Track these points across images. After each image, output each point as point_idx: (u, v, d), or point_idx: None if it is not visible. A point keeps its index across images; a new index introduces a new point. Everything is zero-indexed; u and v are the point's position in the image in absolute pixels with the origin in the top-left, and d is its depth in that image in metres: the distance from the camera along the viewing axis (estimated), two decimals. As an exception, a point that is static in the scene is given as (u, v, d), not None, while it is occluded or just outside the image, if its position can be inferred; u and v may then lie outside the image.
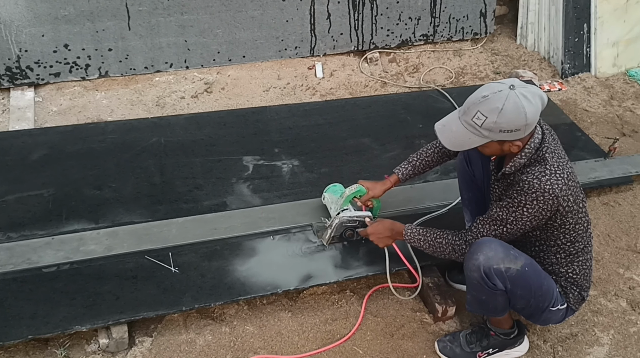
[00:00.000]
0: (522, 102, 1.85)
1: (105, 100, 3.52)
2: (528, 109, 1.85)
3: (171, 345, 2.25)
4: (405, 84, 3.95)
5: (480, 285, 2.00)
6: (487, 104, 1.87)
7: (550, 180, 1.91)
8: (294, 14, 3.86)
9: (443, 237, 2.15)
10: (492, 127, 1.88)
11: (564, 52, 4.06)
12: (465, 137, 1.95)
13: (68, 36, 3.46)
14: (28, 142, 2.93)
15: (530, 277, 2.00)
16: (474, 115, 1.90)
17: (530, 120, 1.87)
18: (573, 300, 2.15)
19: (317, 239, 2.55)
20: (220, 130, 3.16)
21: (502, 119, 1.86)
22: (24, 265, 2.31)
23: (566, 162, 1.99)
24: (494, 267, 1.94)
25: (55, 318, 2.13)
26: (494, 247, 1.96)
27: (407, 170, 2.43)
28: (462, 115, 1.95)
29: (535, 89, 1.92)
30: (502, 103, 1.85)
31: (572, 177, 1.98)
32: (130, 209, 2.62)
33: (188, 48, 3.73)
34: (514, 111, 1.85)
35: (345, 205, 2.50)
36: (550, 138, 2.01)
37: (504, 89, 1.87)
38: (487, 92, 1.89)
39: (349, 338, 2.33)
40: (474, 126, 1.91)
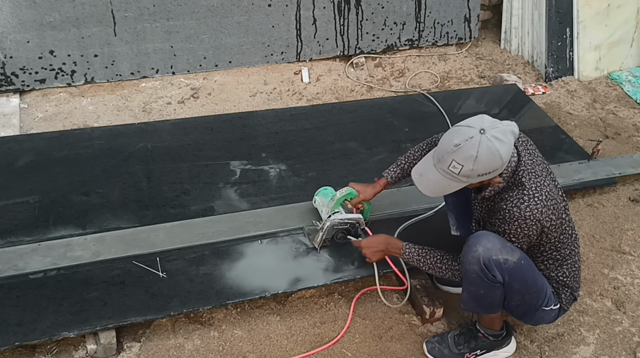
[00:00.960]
0: (496, 145, 1.86)
1: (91, 106, 3.51)
2: (502, 149, 1.87)
3: (160, 350, 2.24)
4: (391, 88, 3.98)
5: (480, 277, 1.99)
6: (460, 152, 1.88)
7: (529, 206, 1.94)
8: (279, 20, 3.88)
9: (443, 261, 2.18)
10: (470, 174, 1.91)
11: (548, 56, 4.12)
12: (445, 184, 1.97)
13: (53, 42, 3.44)
14: (14, 148, 2.91)
15: (526, 271, 2.03)
16: (449, 164, 1.91)
17: (505, 158, 1.90)
18: (565, 300, 2.19)
19: (309, 242, 2.56)
20: (207, 136, 3.16)
21: (479, 166, 1.88)
22: (11, 272, 2.29)
23: (544, 178, 2.00)
24: (493, 257, 1.96)
25: (42, 325, 2.12)
26: (491, 238, 1.98)
27: (395, 173, 2.45)
28: (437, 163, 1.96)
29: (505, 125, 1.92)
30: (476, 150, 1.86)
31: (550, 195, 1.98)
32: (118, 215, 2.61)
33: (174, 54, 3.73)
34: (489, 156, 1.87)
35: (337, 208, 2.51)
36: (526, 157, 2.02)
37: (474, 134, 1.87)
38: (458, 139, 1.89)
39: (337, 341, 2.34)
40: (451, 174, 1.93)
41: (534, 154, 2.07)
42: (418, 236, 2.59)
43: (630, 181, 3.25)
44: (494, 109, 3.62)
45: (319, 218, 2.62)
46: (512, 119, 3.45)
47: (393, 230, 2.63)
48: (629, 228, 2.96)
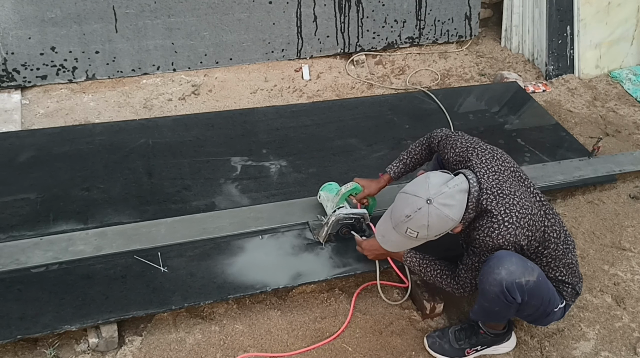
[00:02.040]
0: (444, 212, 1.93)
1: (92, 102, 3.52)
2: (452, 213, 1.93)
3: (161, 343, 2.25)
4: (391, 85, 3.99)
5: (499, 298, 1.98)
6: (412, 222, 1.96)
7: (500, 233, 1.96)
8: (280, 17, 3.88)
9: (442, 277, 2.23)
10: (427, 237, 2.00)
11: (548, 54, 4.12)
12: (407, 243, 2.07)
13: (55, 39, 3.45)
14: (15, 144, 2.91)
15: (542, 286, 2.03)
16: (405, 230, 1.99)
17: (457, 217, 1.95)
18: (568, 296, 2.20)
19: (314, 237, 2.56)
20: (208, 132, 3.16)
21: (432, 231, 1.96)
22: (13, 266, 2.30)
23: (512, 196, 1.98)
24: (516, 281, 1.94)
25: (44, 318, 2.13)
26: (514, 261, 1.96)
27: (398, 168, 2.47)
28: (395, 227, 2.02)
29: (452, 187, 1.94)
30: (427, 220, 1.93)
31: (522, 213, 1.97)
32: (119, 210, 2.62)
33: (175, 50, 3.74)
34: (440, 222, 1.95)
35: (341, 203, 2.52)
36: (488, 178, 2.01)
37: (422, 205, 1.93)
38: (408, 211, 1.95)
39: (338, 336, 2.35)
40: (409, 237, 2.01)
41: (499, 169, 2.06)
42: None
43: (631, 178, 3.25)
44: (495, 106, 3.63)
45: (324, 213, 2.62)
46: (512, 117, 3.51)
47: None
48: (629, 225, 2.97)
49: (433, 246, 2.17)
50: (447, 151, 2.22)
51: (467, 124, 3.42)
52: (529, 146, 3.28)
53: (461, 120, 3.45)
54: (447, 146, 2.23)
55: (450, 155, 2.20)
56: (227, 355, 2.24)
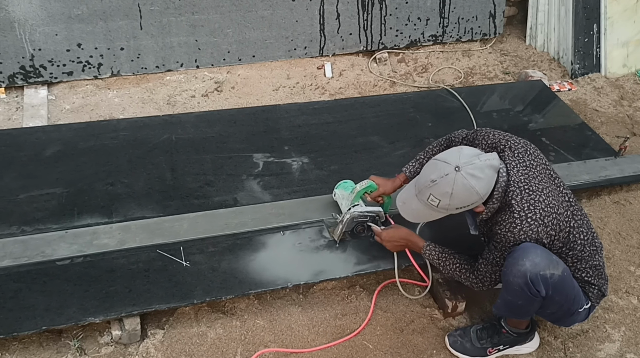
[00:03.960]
0: (471, 182, 1.90)
1: (117, 98, 3.56)
2: (478, 186, 1.90)
3: (183, 337, 2.27)
4: (414, 83, 3.97)
5: (523, 291, 1.95)
6: (437, 188, 1.93)
7: (522, 229, 1.93)
8: (303, 14, 3.89)
9: (461, 270, 2.20)
10: (448, 207, 1.96)
11: (574, 52, 4.07)
12: (426, 213, 2.04)
13: (81, 35, 3.49)
14: (42, 138, 2.96)
15: (567, 282, 2.01)
16: (427, 197, 1.97)
17: (483, 193, 1.93)
18: (594, 297, 2.16)
19: (329, 235, 2.56)
20: (230, 128, 3.18)
21: (455, 201, 1.93)
22: (38, 258, 2.33)
23: (539, 193, 1.96)
24: (540, 273, 1.92)
25: (68, 310, 2.15)
26: (539, 253, 1.94)
27: (414, 168, 2.45)
28: (418, 194, 2.01)
29: (484, 160, 1.92)
30: (451, 187, 1.91)
31: (547, 211, 1.95)
32: (143, 204, 2.64)
33: (199, 47, 3.76)
34: (464, 192, 1.91)
35: (356, 201, 2.51)
36: (518, 171, 1.99)
37: (450, 171, 1.91)
38: (434, 175, 1.94)
39: (358, 333, 2.34)
40: (430, 206, 1.99)
41: (531, 164, 2.03)
42: (439, 231, 2.59)
43: (658, 179, 3.19)
44: (519, 105, 3.59)
45: (339, 211, 2.62)
46: (537, 115, 3.46)
47: (415, 224, 2.61)
48: (656, 226, 2.92)
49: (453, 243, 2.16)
50: (478, 142, 2.17)
51: (490, 122, 3.38)
52: (554, 145, 3.24)
53: (485, 118, 3.42)
54: (477, 138, 2.19)
55: (483, 146, 2.15)
56: (247, 350, 2.25)
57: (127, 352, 2.20)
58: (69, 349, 2.19)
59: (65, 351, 2.19)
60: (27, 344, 2.20)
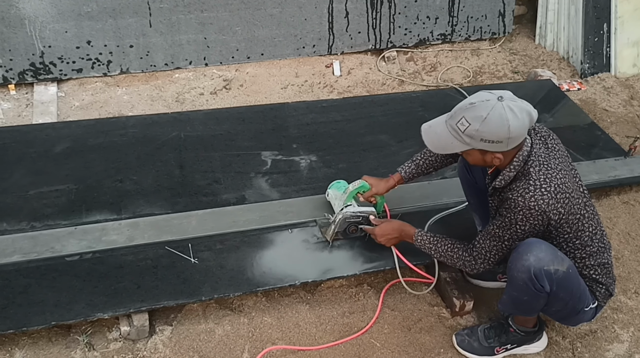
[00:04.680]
0: (507, 115, 1.85)
1: (126, 96, 3.57)
2: (512, 122, 1.85)
3: (191, 334, 2.28)
4: (422, 82, 3.96)
5: (527, 286, 1.96)
6: (472, 110, 1.89)
7: (534, 196, 1.91)
8: (312, 13, 3.89)
9: (453, 251, 2.17)
10: (474, 135, 1.89)
11: (584, 51, 4.05)
12: (448, 141, 1.97)
13: (91, 32, 3.51)
14: (51, 135, 2.97)
15: (572, 279, 2.00)
16: (458, 120, 1.92)
17: (513, 134, 1.87)
18: (601, 297, 2.15)
19: (321, 235, 2.55)
20: (239, 126, 3.18)
21: (485, 128, 1.87)
22: (48, 254, 2.35)
23: (558, 171, 1.96)
24: (544, 268, 1.92)
25: (77, 306, 2.17)
26: (544, 248, 1.94)
27: (410, 169, 2.43)
28: (449, 119, 1.97)
29: (525, 104, 1.91)
30: (487, 112, 1.86)
31: (562, 188, 1.94)
32: (151, 201, 2.65)
33: (207, 45, 3.77)
34: (497, 122, 1.86)
35: (349, 201, 2.50)
36: (540, 148, 1.99)
37: (492, 99, 1.88)
38: (475, 99, 1.91)
39: (366, 331, 2.34)
40: (457, 131, 1.93)
41: (553, 148, 2.04)
42: (448, 230, 2.58)
43: (668, 179, 3.17)
44: (528, 104, 3.57)
45: (332, 211, 2.61)
46: (546, 115, 3.45)
47: (423, 223, 2.61)
48: (665, 226, 2.90)
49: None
50: None
51: (499, 121, 3.37)
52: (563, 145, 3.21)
53: (493, 117, 3.40)
54: None
55: None
56: (255, 347, 2.25)
57: (136, 348, 2.21)
58: (77, 344, 2.20)
59: (74, 346, 2.20)
60: (36, 339, 2.21)
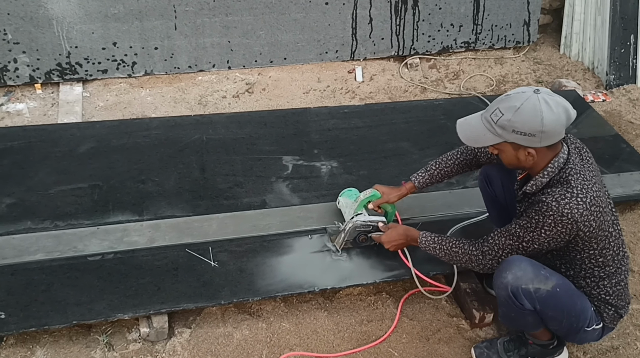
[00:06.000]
0: (542, 107, 1.83)
1: (149, 97, 3.60)
2: (546, 114, 1.82)
3: (209, 337, 2.28)
4: (445, 90, 3.94)
5: (508, 303, 1.98)
6: (507, 101, 1.88)
7: (570, 203, 1.85)
8: (336, 18, 3.89)
9: (459, 246, 2.13)
10: (506, 125, 1.87)
11: (609, 63, 4.00)
12: (481, 133, 1.95)
13: (117, 34, 3.55)
14: (76, 134, 3.01)
15: (561, 298, 1.96)
16: (493, 111, 1.91)
17: (547, 127, 1.83)
18: (609, 319, 2.09)
19: (331, 243, 2.54)
20: (260, 130, 3.19)
21: (517, 118, 1.85)
22: (70, 253, 2.37)
23: (593, 184, 1.91)
24: (522, 286, 1.92)
25: (98, 306, 2.19)
26: (523, 266, 1.93)
27: (423, 178, 2.40)
28: (484, 112, 1.97)
29: (563, 101, 1.88)
30: (521, 102, 1.85)
31: (596, 201, 1.89)
32: (173, 203, 2.67)
33: (231, 49, 3.79)
34: (530, 112, 1.83)
35: (360, 210, 2.48)
36: (576, 158, 1.96)
37: (528, 91, 1.88)
38: (512, 92, 1.91)
39: (384, 340, 2.33)
40: (490, 122, 1.91)
41: (587, 160, 2.01)
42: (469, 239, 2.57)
43: (694, 194, 3.12)
44: (551, 114, 3.54)
45: (342, 219, 2.60)
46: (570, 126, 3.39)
47: (444, 232, 2.59)
48: (691, 243, 2.85)
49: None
50: None
51: (522, 131, 3.34)
52: (587, 157, 3.18)
53: (516, 127, 3.37)
54: None
55: None
56: (273, 352, 2.25)
57: (154, 350, 2.22)
58: (97, 344, 2.22)
59: (94, 346, 2.22)
60: (57, 337, 2.23)
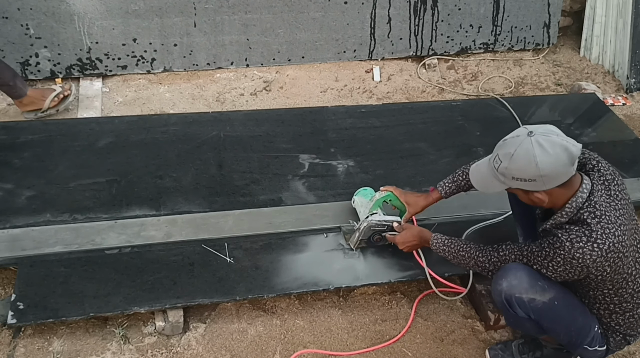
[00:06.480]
0: (535, 151, 1.75)
1: (168, 93, 3.62)
2: (541, 158, 1.75)
3: (224, 332, 2.30)
4: (463, 91, 3.93)
5: (504, 309, 2.00)
6: (504, 147, 1.84)
7: (584, 248, 1.78)
8: (354, 17, 3.89)
9: (466, 250, 2.12)
10: (505, 173, 1.84)
11: (630, 66, 3.96)
12: (488, 180, 1.92)
13: (137, 30, 3.57)
14: (95, 129, 3.04)
15: (559, 312, 1.94)
16: (494, 158, 1.87)
17: (545, 171, 1.76)
18: (614, 344, 2.06)
19: (345, 242, 2.54)
20: (278, 128, 3.20)
21: (513, 166, 1.81)
22: (88, 246, 2.40)
23: (618, 227, 1.80)
24: (515, 295, 1.92)
25: (115, 299, 2.21)
26: (519, 275, 1.92)
27: (450, 188, 2.34)
28: (491, 155, 1.92)
29: (561, 139, 1.78)
30: (515, 148, 1.79)
31: (616, 247, 1.79)
32: (190, 199, 2.69)
33: (249, 46, 3.80)
34: (523, 159, 1.78)
35: (375, 209, 2.48)
36: (602, 195, 1.84)
37: (522, 134, 1.81)
38: (508, 135, 1.86)
39: (398, 340, 2.33)
40: (493, 169, 1.88)
41: (616, 196, 1.88)
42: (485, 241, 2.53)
43: None
44: (570, 117, 3.51)
45: (357, 218, 2.59)
46: (589, 129, 3.38)
47: (460, 233, 2.59)
48: None
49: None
50: None
51: (540, 134, 3.32)
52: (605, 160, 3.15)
53: (534, 130, 3.35)
54: None
55: None
56: (287, 349, 2.26)
57: (170, 343, 2.24)
58: (113, 337, 2.24)
59: (110, 338, 2.24)
60: (74, 329, 2.26)
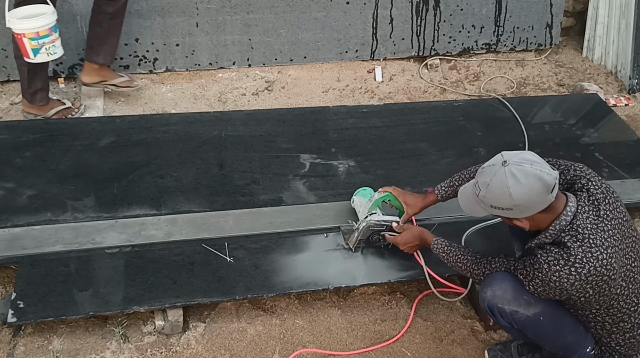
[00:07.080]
0: (508, 182, 1.76)
1: (170, 93, 3.63)
2: (514, 189, 1.76)
3: (223, 332, 2.30)
4: (465, 91, 3.92)
5: (490, 315, 2.03)
6: (482, 175, 1.86)
7: (560, 272, 1.77)
8: (356, 18, 3.89)
9: (462, 261, 2.14)
10: (484, 201, 1.86)
11: (633, 67, 3.95)
12: (473, 205, 1.94)
13: (139, 30, 3.58)
14: (97, 129, 3.04)
15: (545, 327, 1.94)
16: (476, 182, 1.89)
17: (519, 201, 1.76)
18: None
19: (344, 242, 2.55)
20: (279, 128, 3.21)
21: (489, 195, 1.82)
22: (89, 245, 2.40)
23: (603, 250, 1.76)
24: (497, 305, 1.94)
25: (115, 298, 2.22)
26: (504, 286, 1.94)
27: (447, 193, 2.33)
28: (474, 181, 1.93)
29: (535, 168, 1.76)
30: (490, 178, 1.81)
31: (597, 271, 1.76)
32: (190, 198, 2.69)
33: (251, 46, 3.81)
34: (497, 189, 1.79)
35: (374, 209, 2.48)
36: (588, 217, 1.82)
37: (497, 163, 1.82)
38: (487, 163, 1.87)
39: (397, 340, 2.33)
40: (474, 194, 1.89)
41: (606, 215, 1.84)
42: (485, 242, 2.57)
43: None
44: (572, 118, 3.50)
45: (357, 218, 2.59)
46: (591, 130, 3.38)
47: (460, 234, 2.59)
48: None
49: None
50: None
51: (542, 134, 3.32)
52: (607, 161, 3.15)
53: (536, 130, 3.35)
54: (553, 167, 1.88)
55: (560, 179, 1.95)
56: (286, 348, 2.27)
57: (169, 343, 2.25)
58: (113, 336, 2.25)
59: (109, 337, 2.25)
60: (73, 328, 2.27)
